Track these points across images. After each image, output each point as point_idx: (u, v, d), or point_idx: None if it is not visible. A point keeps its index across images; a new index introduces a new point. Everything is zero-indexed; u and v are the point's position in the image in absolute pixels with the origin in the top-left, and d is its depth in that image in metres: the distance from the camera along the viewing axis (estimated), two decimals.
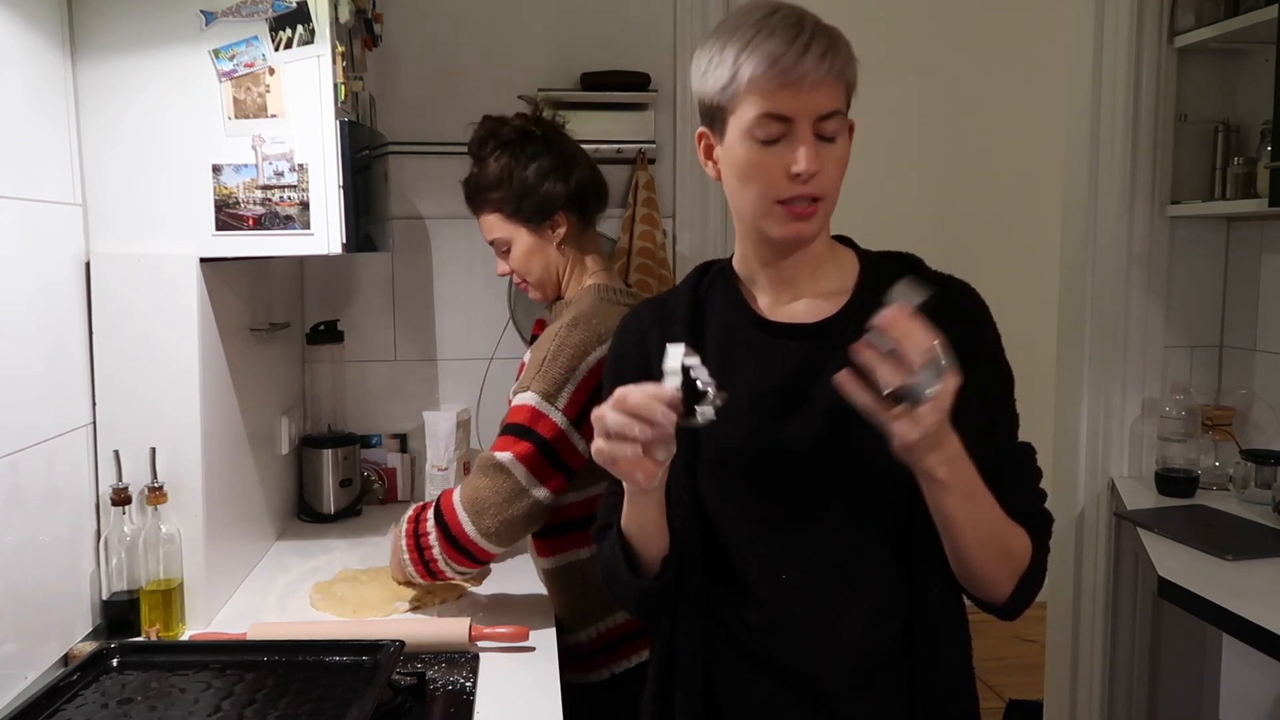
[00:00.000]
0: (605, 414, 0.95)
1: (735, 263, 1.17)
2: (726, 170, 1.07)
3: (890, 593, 1.07)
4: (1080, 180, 2.51)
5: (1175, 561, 1.84)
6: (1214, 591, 1.68)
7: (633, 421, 0.93)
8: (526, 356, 1.61)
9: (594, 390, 1.50)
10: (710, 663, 1.13)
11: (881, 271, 1.11)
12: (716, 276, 1.18)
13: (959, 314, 1.06)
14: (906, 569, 1.07)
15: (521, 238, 1.64)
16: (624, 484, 1.04)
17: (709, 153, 1.09)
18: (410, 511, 1.57)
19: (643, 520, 1.07)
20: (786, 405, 1.07)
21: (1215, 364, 2.50)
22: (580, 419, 1.49)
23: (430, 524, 1.51)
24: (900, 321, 0.87)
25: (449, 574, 1.53)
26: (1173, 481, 2.29)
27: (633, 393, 0.93)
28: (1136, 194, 2.39)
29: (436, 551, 1.50)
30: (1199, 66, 2.39)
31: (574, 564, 1.61)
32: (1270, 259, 2.36)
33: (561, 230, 1.64)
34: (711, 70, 1.04)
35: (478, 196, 1.66)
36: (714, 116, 1.06)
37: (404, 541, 1.54)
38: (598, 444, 0.96)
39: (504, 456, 1.47)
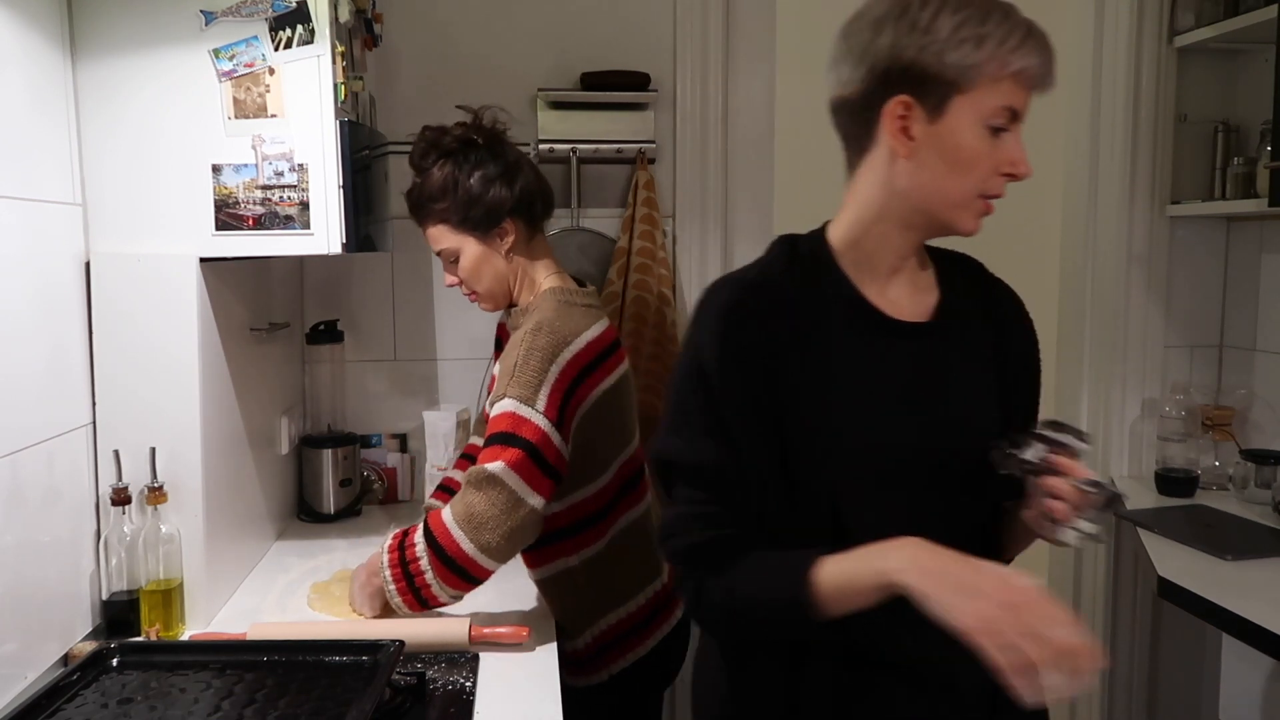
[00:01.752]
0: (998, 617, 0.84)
1: (839, 243, 1.10)
2: (932, 151, 1.00)
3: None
4: (1080, 180, 2.51)
5: (1175, 561, 1.84)
6: (1214, 591, 1.68)
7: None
8: (495, 369, 1.58)
9: (568, 389, 1.50)
10: (838, 667, 1.06)
11: (950, 269, 1.16)
12: (813, 261, 1.10)
13: (1015, 317, 1.17)
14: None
15: (470, 247, 1.62)
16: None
17: (905, 127, 1.00)
18: (389, 541, 1.49)
19: (862, 604, 0.95)
20: (918, 407, 1.06)
21: (1215, 364, 2.50)
22: (559, 420, 1.48)
23: (420, 548, 1.44)
24: (1079, 474, 0.97)
25: (442, 599, 1.46)
26: (1173, 481, 2.29)
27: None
28: (1136, 194, 2.39)
29: (430, 576, 1.43)
30: (1199, 66, 2.39)
31: (563, 572, 1.62)
32: (1270, 259, 2.36)
33: (510, 238, 1.62)
34: (956, 41, 0.96)
35: (422, 208, 1.63)
36: (934, 89, 0.98)
37: (388, 573, 1.46)
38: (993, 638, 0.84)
39: (495, 466, 1.43)
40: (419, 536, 1.46)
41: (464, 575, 1.44)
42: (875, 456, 1.05)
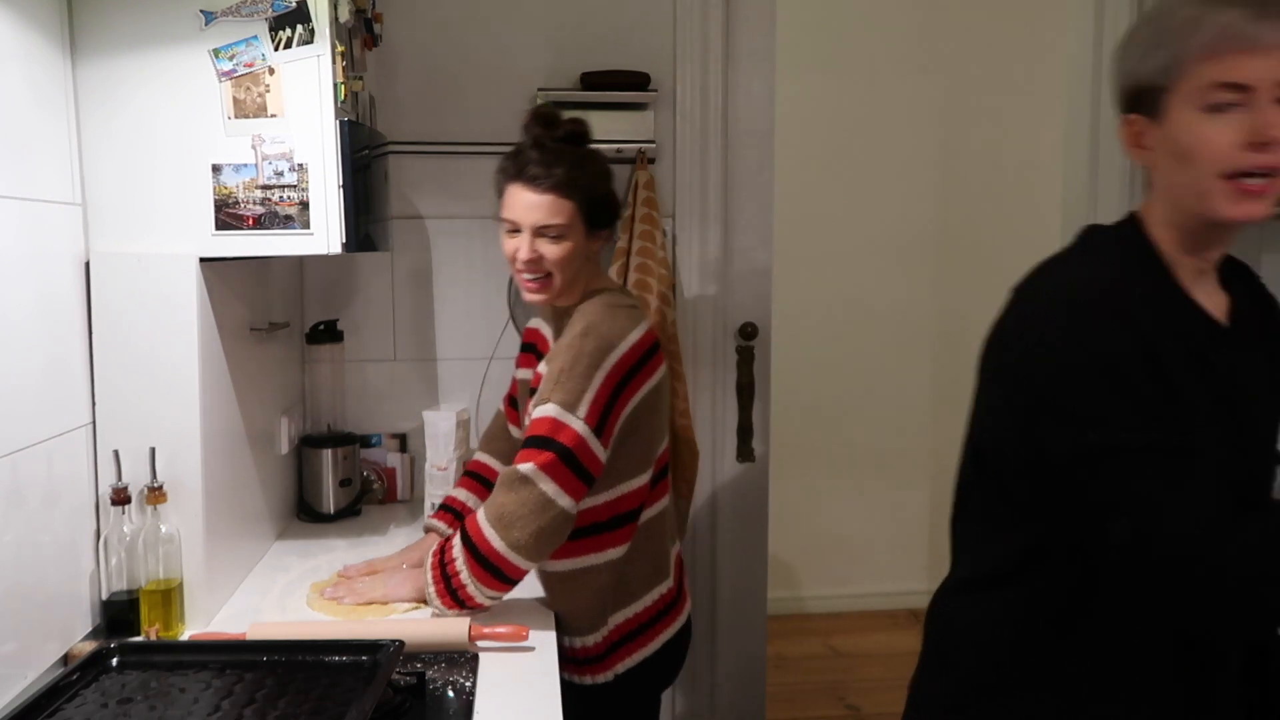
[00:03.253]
0: None
1: (1159, 246, 1.07)
2: (1164, 153, 1.01)
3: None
4: (1080, 180, 2.51)
5: None
6: None
7: None
8: (541, 368, 1.58)
9: (612, 394, 1.52)
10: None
11: (1227, 273, 1.11)
12: (1141, 264, 1.07)
13: None
14: None
15: (577, 238, 1.60)
16: None
17: (1138, 139, 1.04)
18: (435, 546, 1.55)
19: None
20: (1262, 423, 1.04)
21: None
22: (599, 426, 1.50)
23: (457, 549, 1.50)
24: None
25: (479, 599, 1.50)
26: None
27: None
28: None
29: (465, 576, 1.48)
30: None
31: (587, 568, 1.61)
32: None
33: (600, 244, 1.66)
34: (1151, 50, 1.00)
35: (556, 177, 1.56)
36: (1150, 99, 1.01)
37: (430, 574, 1.52)
38: None
39: (526, 468, 1.47)
40: (457, 539, 1.50)
41: (497, 574, 1.47)
42: (1250, 466, 1.03)
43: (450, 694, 1.32)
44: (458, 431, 2.06)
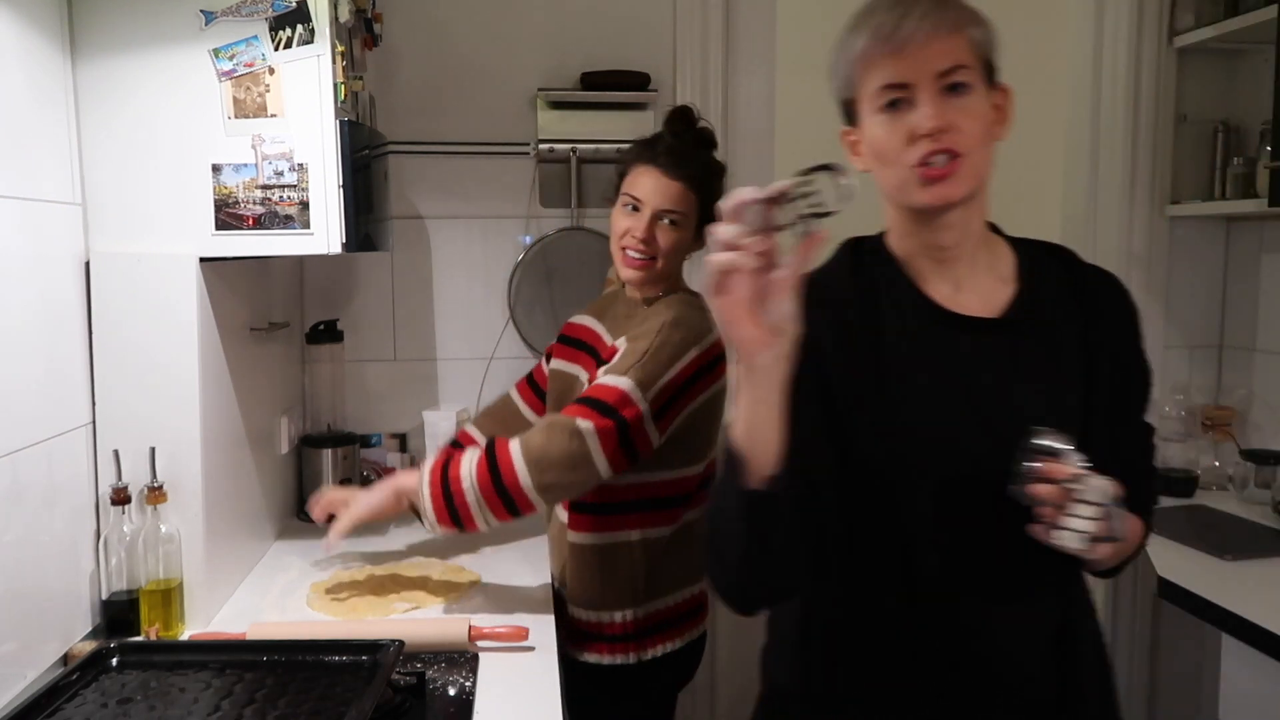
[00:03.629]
0: (717, 227, 0.87)
1: (894, 248, 1.12)
2: (868, 157, 1.07)
3: (1048, 598, 1.09)
4: (1080, 180, 2.51)
5: (1175, 561, 1.84)
6: (1213, 591, 1.68)
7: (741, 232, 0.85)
8: (620, 343, 1.61)
9: (681, 386, 1.57)
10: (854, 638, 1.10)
11: (1037, 260, 1.13)
12: (871, 258, 1.13)
13: (1112, 308, 1.12)
14: (1058, 579, 1.09)
15: (688, 231, 1.66)
16: (741, 367, 0.94)
17: (855, 149, 1.09)
18: (431, 461, 1.55)
19: (752, 418, 0.94)
20: (982, 406, 1.06)
21: (1215, 364, 2.50)
22: (661, 411, 1.55)
23: (468, 468, 1.50)
24: (1060, 475, 0.94)
25: (477, 522, 1.49)
26: (1172, 481, 2.29)
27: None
28: (1136, 194, 2.39)
29: (472, 496, 1.48)
30: (1199, 66, 2.39)
31: (620, 544, 1.65)
32: (1270, 259, 2.36)
33: (697, 249, 1.69)
34: (837, 69, 1.08)
35: (691, 169, 1.63)
36: (849, 110, 1.09)
37: (428, 484, 1.51)
38: (715, 258, 0.86)
39: (585, 425, 1.49)
40: (469, 458, 1.51)
41: (510, 506, 1.49)
42: (927, 447, 1.06)
43: (450, 694, 1.32)
44: (458, 431, 2.06)
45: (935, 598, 1.06)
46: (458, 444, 1.90)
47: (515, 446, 1.50)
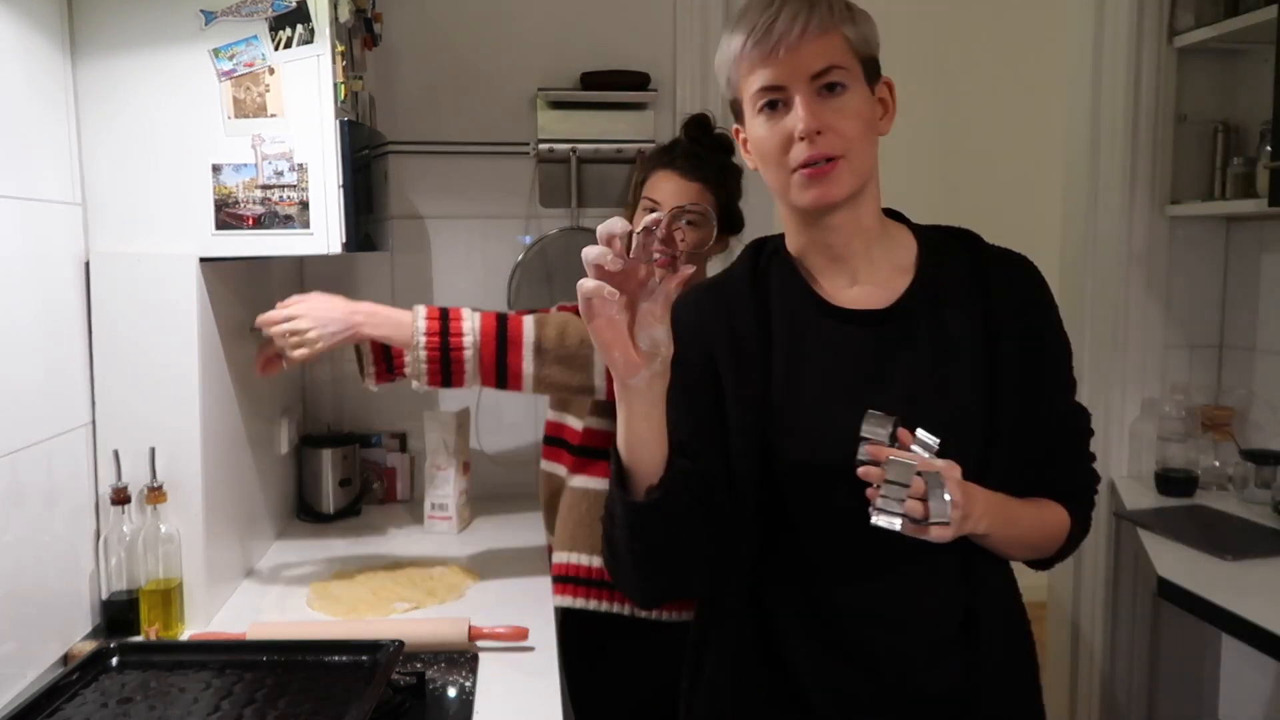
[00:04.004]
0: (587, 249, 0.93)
1: (789, 245, 1.16)
2: (754, 156, 1.09)
3: (950, 584, 1.09)
4: (1080, 180, 2.51)
5: (1175, 561, 1.84)
6: (1214, 591, 1.68)
7: (606, 251, 0.93)
8: None
9: None
10: (757, 636, 1.12)
11: (940, 248, 1.14)
12: (771, 257, 1.16)
13: (1017, 288, 1.11)
14: (965, 560, 1.09)
15: (711, 232, 1.67)
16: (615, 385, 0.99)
17: (745, 146, 1.12)
18: (428, 309, 1.56)
19: (631, 433, 0.98)
20: (862, 395, 1.06)
21: (1215, 364, 2.50)
22: None
23: (472, 324, 1.54)
24: (881, 456, 0.95)
25: (466, 377, 1.53)
26: (1172, 481, 2.29)
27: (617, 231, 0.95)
28: (1136, 194, 2.39)
29: (469, 352, 1.52)
30: (1199, 66, 2.39)
31: None
32: (1270, 259, 2.36)
33: (719, 250, 1.77)
34: (720, 70, 1.10)
35: (708, 171, 1.67)
36: (736, 112, 1.11)
37: (422, 339, 1.53)
38: (582, 284, 0.95)
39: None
40: (472, 316, 1.55)
41: (501, 379, 1.54)
42: (808, 438, 1.08)
43: (450, 694, 1.32)
44: (458, 431, 2.06)
45: (829, 586, 1.09)
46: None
47: (529, 325, 1.53)
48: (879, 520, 0.96)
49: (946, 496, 0.95)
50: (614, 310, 0.92)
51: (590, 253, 0.91)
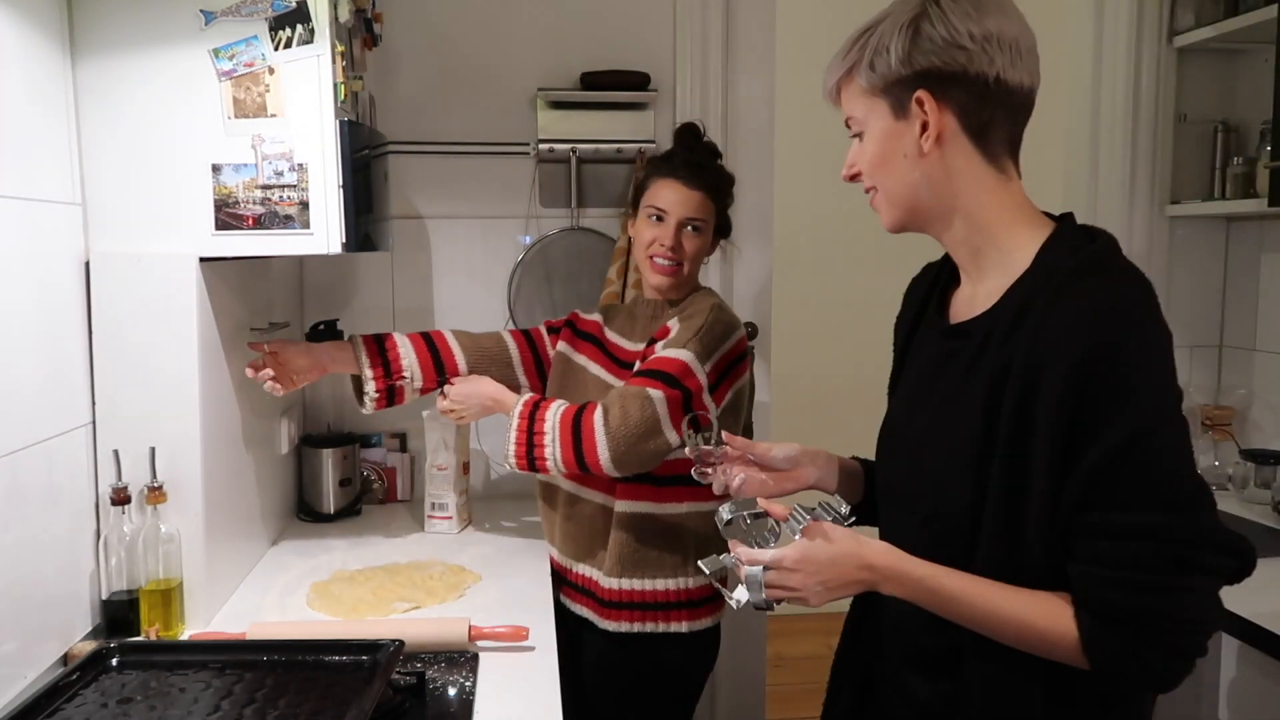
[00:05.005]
0: None
1: None
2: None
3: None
4: (1080, 180, 2.51)
5: None
6: None
7: None
8: (672, 323, 1.71)
9: (726, 367, 1.69)
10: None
11: (1047, 272, 1.00)
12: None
13: (1052, 354, 0.94)
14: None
15: (709, 237, 1.79)
16: None
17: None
18: (521, 405, 1.68)
19: None
20: (919, 398, 1.13)
21: (1215, 364, 2.50)
22: (713, 386, 1.67)
23: (551, 423, 1.64)
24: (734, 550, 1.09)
25: (550, 470, 1.66)
26: None
27: None
28: (1136, 194, 2.39)
29: (550, 451, 1.63)
30: (1199, 66, 2.39)
31: (671, 514, 1.73)
32: (1270, 259, 2.36)
33: (713, 251, 1.85)
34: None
35: (711, 179, 1.76)
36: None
37: (514, 434, 1.67)
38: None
39: (655, 394, 1.60)
40: (555, 414, 1.65)
41: (582, 465, 1.62)
42: (882, 431, 1.22)
43: (450, 694, 1.32)
44: (458, 431, 2.06)
45: None
46: (427, 336, 1.87)
47: (598, 414, 1.61)
48: (737, 594, 1.10)
49: (761, 595, 1.05)
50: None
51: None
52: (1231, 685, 1.77)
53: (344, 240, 1.52)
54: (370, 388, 1.79)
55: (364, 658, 1.25)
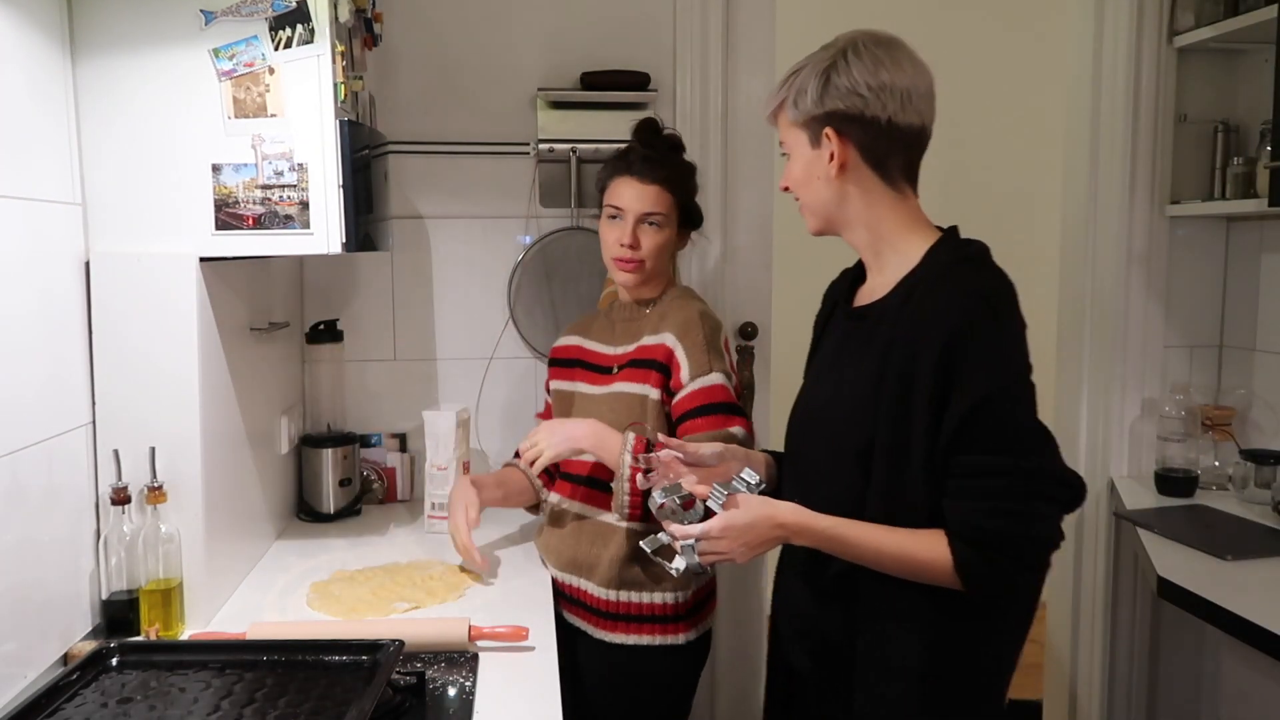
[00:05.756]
0: None
1: None
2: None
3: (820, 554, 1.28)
4: (1080, 180, 2.51)
5: (1175, 561, 1.84)
6: (1214, 591, 1.68)
7: None
8: (679, 353, 1.70)
9: (733, 368, 1.76)
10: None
11: (935, 263, 1.26)
12: None
13: (929, 328, 1.18)
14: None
15: (671, 230, 1.78)
16: None
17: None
18: (630, 448, 1.60)
19: None
20: (825, 372, 1.37)
21: (1215, 364, 2.50)
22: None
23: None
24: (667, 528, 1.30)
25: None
26: (1172, 481, 2.29)
27: None
28: (1136, 194, 2.39)
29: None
30: (1199, 66, 2.39)
31: None
32: (1270, 259, 2.36)
33: (684, 244, 1.85)
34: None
35: (664, 172, 1.75)
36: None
37: (626, 484, 1.60)
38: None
39: (738, 431, 1.64)
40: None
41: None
42: (792, 412, 1.43)
43: (450, 694, 1.32)
44: (458, 431, 2.06)
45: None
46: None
47: None
48: (676, 564, 1.29)
49: (695, 559, 1.26)
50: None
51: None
52: (1231, 685, 1.77)
53: (344, 240, 1.52)
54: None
55: (364, 658, 1.25)
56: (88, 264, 1.46)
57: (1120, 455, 2.46)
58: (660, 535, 1.31)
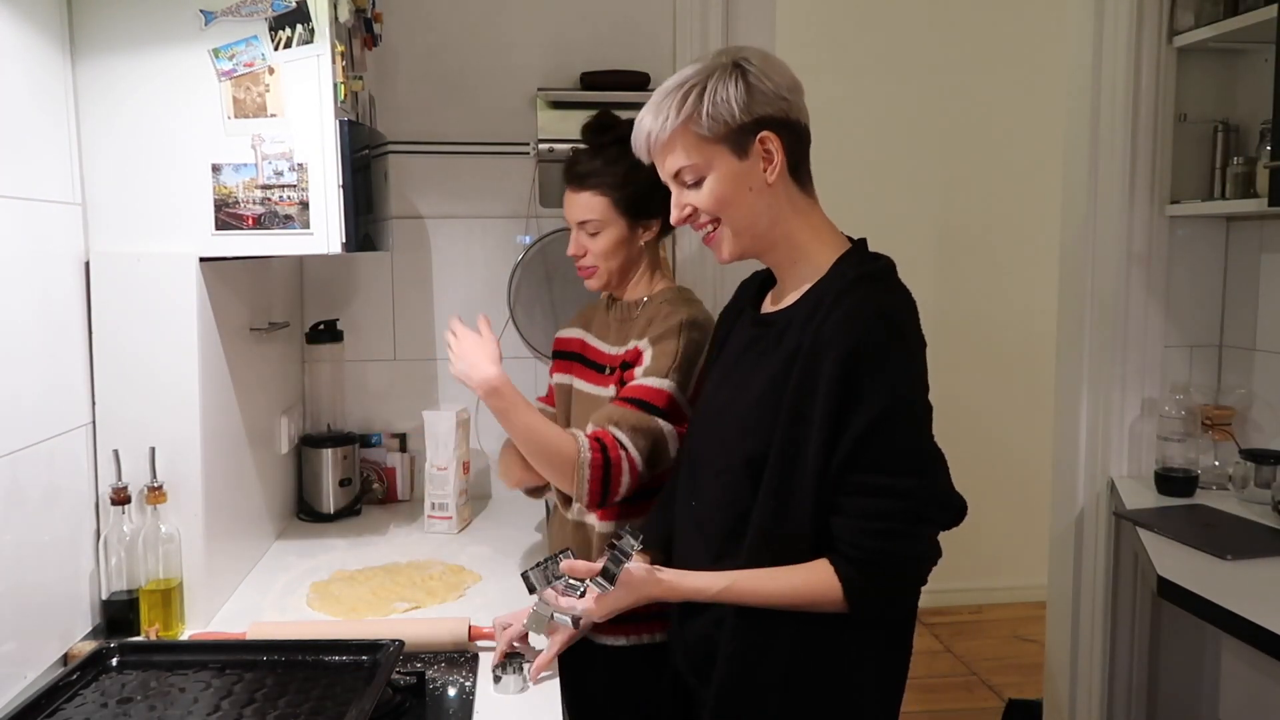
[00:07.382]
0: None
1: None
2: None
3: (727, 545, 1.26)
4: (1080, 180, 2.51)
5: (1175, 561, 1.84)
6: (1213, 591, 1.68)
7: None
8: (643, 344, 1.65)
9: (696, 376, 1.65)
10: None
11: (840, 276, 1.25)
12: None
13: (830, 344, 1.16)
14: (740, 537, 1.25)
15: (617, 229, 1.71)
16: None
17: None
18: (592, 431, 1.55)
19: None
20: (727, 375, 1.35)
21: (1215, 363, 2.50)
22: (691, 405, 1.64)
23: (630, 452, 1.54)
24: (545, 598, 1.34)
25: (615, 497, 1.57)
26: (1172, 481, 2.29)
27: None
28: (1136, 194, 2.39)
29: (626, 480, 1.54)
30: (1198, 66, 2.39)
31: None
32: (1270, 258, 2.36)
33: (652, 233, 1.73)
34: None
35: (591, 176, 1.69)
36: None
37: (588, 462, 1.52)
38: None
39: (668, 429, 1.58)
40: (627, 439, 1.55)
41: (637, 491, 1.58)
42: (694, 414, 1.45)
43: (450, 694, 1.32)
44: (458, 431, 2.06)
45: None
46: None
47: (631, 447, 1.54)
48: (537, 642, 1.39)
49: (567, 619, 1.30)
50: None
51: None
52: (1231, 685, 1.77)
53: (344, 240, 1.52)
54: None
55: (364, 658, 1.25)
56: (87, 264, 1.46)
57: (1120, 455, 2.46)
58: (539, 608, 1.32)
